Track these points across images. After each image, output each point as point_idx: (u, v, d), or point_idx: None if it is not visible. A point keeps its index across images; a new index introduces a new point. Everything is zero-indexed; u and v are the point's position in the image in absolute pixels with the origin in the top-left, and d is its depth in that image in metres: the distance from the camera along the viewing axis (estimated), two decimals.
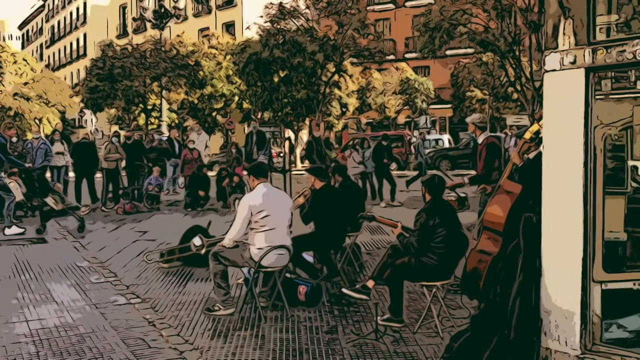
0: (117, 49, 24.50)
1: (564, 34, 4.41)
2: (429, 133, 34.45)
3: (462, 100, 34.25)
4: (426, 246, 5.50)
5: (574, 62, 4.32)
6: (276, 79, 15.89)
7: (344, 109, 32.20)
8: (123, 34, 54.39)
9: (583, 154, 4.21)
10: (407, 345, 5.31)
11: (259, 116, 22.79)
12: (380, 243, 9.75)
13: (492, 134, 7.64)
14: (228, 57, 27.93)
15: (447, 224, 5.53)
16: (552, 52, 4.42)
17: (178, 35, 34.85)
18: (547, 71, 4.46)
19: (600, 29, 4.27)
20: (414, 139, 31.95)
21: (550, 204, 4.50)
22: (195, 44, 33.38)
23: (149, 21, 23.74)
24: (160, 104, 25.16)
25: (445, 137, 32.72)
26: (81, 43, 62.41)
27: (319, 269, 7.26)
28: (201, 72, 26.06)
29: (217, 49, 32.71)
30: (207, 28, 45.91)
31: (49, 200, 11.41)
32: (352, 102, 33.03)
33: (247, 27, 22.93)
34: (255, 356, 5.07)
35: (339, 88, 28.44)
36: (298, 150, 30.46)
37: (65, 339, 5.41)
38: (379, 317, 5.88)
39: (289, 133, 30.69)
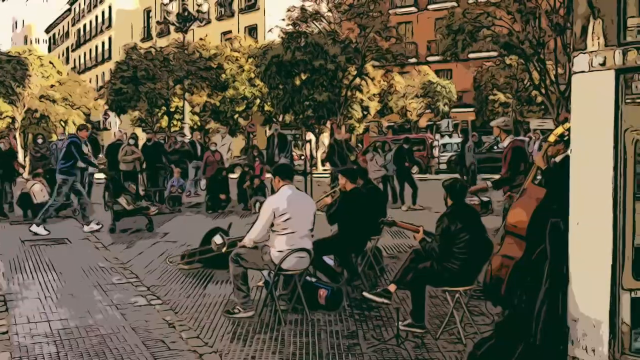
0: (141, 52, 24.72)
1: (593, 34, 4.30)
2: (450, 137, 34.27)
3: (484, 104, 33.92)
4: (448, 251, 5.41)
5: (603, 64, 4.21)
6: (298, 82, 15.86)
7: (365, 112, 32.12)
8: (147, 37, 54.95)
9: (613, 157, 4.09)
10: (429, 351, 5.22)
11: (280, 119, 22.82)
12: (401, 247, 9.65)
13: (517, 137, 7.52)
14: (250, 60, 28.04)
15: (470, 229, 5.43)
16: (580, 53, 4.32)
17: (201, 39, 35.12)
18: (575, 73, 4.35)
19: (631, 30, 4.16)
20: (437, 142, 31.79)
21: (578, 208, 4.38)
22: (217, 47, 33.59)
23: (173, 24, 23.92)
24: (183, 106, 25.33)
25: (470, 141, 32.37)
26: (106, 46, 63.17)
27: (340, 272, 7.20)
28: (223, 75, 26.17)
29: (239, 52, 32.87)
30: (230, 31, 46.10)
31: (122, 200, 11.62)
32: (374, 105, 32.93)
33: (270, 30, 22.98)
34: (275, 359, 5.02)
35: (361, 91, 28.39)
36: (319, 153, 30.45)
37: (86, 340, 5.42)
38: (400, 322, 5.81)
39: (310, 136, 30.74)
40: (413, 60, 34.80)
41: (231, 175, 15.29)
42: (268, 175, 16.19)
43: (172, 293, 7.07)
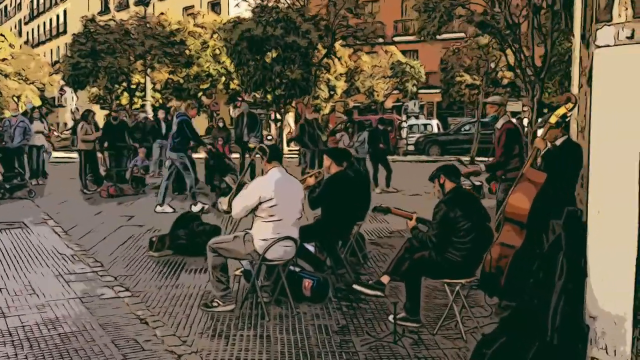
0: (101, 25, 23.55)
1: (620, 5, 3.91)
2: (417, 118, 34.02)
3: (451, 85, 33.72)
4: (447, 241, 5.00)
5: (631, 37, 3.82)
6: (268, 59, 15.24)
7: (331, 92, 31.55)
8: (105, 10, 52.97)
9: None
10: (427, 348, 4.83)
11: (248, 97, 22.02)
12: (381, 232, 9.27)
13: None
14: (215, 35, 27.11)
15: (471, 216, 5.03)
16: (605, 25, 3.92)
17: (162, 13, 33.85)
18: (598, 47, 3.96)
19: None
20: (402, 122, 31.52)
21: (598, 195, 3.99)
22: (180, 22, 32.43)
23: None
24: (145, 82, 24.37)
25: (434, 122, 32.28)
26: (61, 19, 60.76)
27: (324, 260, 6.76)
28: (187, 51, 25.22)
29: (202, 28, 31.81)
30: (192, 6, 44.78)
31: (228, 179, 11.74)
32: (340, 85, 32.38)
33: (237, 5, 22.18)
34: None
35: (328, 70, 27.78)
36: (284, 134, 29.81)
37: (48, 339, 4.86)
38: (392, 316, 5.41)
39: (278, 115, 30.02)
40: (380, 40, 34.23)
41: (197, 155, 14.63)
42: (235, 155, 15.63)
43: (142, 284, 6.52)
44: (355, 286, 5.59)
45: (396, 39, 40.43)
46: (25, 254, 7.67)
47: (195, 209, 10.40)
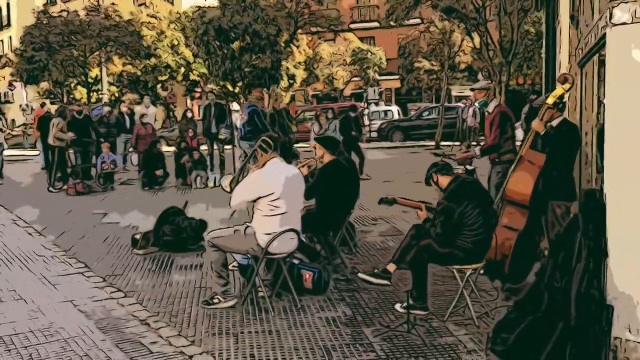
0: (54, 16, 22.63)
1: None
2: (377, 104, 34.10)
3: (410, 71, 33.94)
4: (457, 230, 4.92)
5: None
6: (236, 47, 14.94)
7: (291, 81, 31.33)
8: (52, 2, 51.18)
9: None
10: (441, 336, 4.77)
11: (207, 87, 21.58)
12: (365, 220, 9.18)
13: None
14: (172, 26, 26.50)
15: (477, 203, 4.96)
16: (621, 2, 3.88)
17: (113, 3, 32.89)
18: (614, 25, 3.92)
19: None
20: (365, 109, 31.47)
21: (616, 176, 3.97)
22: (132, 13, 31.56)
23: None
24: (100, 75, 23.66)
25: (395, 109, 32.38)
26: (4, 12, 58.39)
27: (319, 251, 6.63)
28: (144, 42, 24.53)
29: (157, 18, 31.04)
30: None
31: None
32: (300, 74, 32.18)
33: None
34: (277, 357, 4.41)
35: (286, 59, 27.52)
36: (238, 124, 29.41)
37: (47, 346, 4.60)
38: (398, 305, 5.34)
39: (236, 106, 29.60)
40: (341, 27, 34.07)
41: (166, 149, 14.30)
42: (203, 147, 15.31)
43: (133, 283, 6.27)
44: (360, 275, 5.48)
45: (352, 25, 40.36)
46: (1, 257, 7.29)
47: None
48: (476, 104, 24.80)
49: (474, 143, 18.52)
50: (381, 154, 21.10)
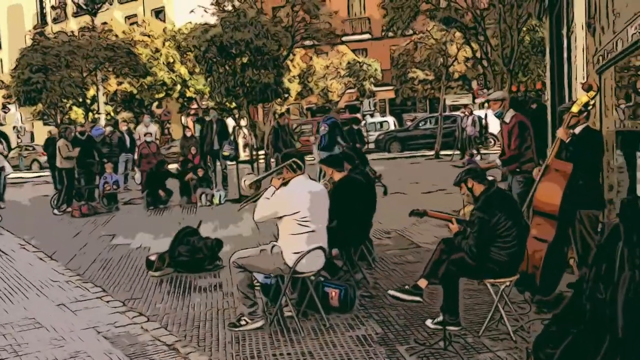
0: (51, 37, 22.53)
1: None
2: (372, 116, 34.14)
3: (404, 82, 33.98)
4: (488, 245, 4.84)
5: None
6: (239, 63, 14.92)
7: (286, 95, 31.29)
8: (42, 23, 51.10)
9: None
10: (479, 352, 4.67)
11: (203, 103, 21.59)
12: (379, 233, 9.08)
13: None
14: (167, 43, 26.44)
15: (510, 215, 4.89)
16: None
17: (105, 23, 32.82)
18: None
19: None
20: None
21: None
22: (125, 32, 31.50)
23: (80, 7, 22.02)
24: (97, 95, 23.55)
25: (391, 120, 32.46)
26: None
27: (340, 267, 6.53)
28: (141, 60, 24.46)
29: (150, 37, 30.98)
30: (134, 15, 43.68)
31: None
32: (294, 87, 32.16)
33: (191, 11, 21.65)
34: None
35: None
36: (240, 140, 29.36)
37: None
38: (429, 321, 5.25)
39: (244, 122, 29.51)
40: (338, 40, 34.14)
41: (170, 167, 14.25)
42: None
43: (154, 306, 6.14)
44: (391, 292, 5.37)
45: (344, 38, 40.48)
46: (15, 283, 7.16)
47: None
48: (489, 112, 24.95)
49: (474, 152, 18.55)
50: (382, 166, 21.03)
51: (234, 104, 23.87)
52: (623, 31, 4.59)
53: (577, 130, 5.72)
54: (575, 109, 5.55)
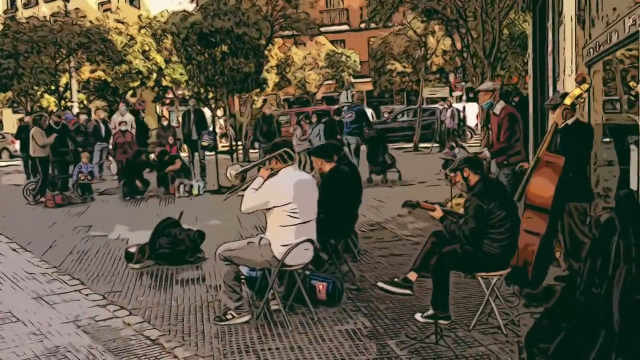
0: (22, 22, 21.88)
1: None
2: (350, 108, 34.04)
3: (382, 74, 33.94)
4: (484, 233, 4.78)
5: None
6: (219, 52, 14.64)
7: (263, 85, 31.04)
8: (11, 8, 49.85)
9: None
10: (470, 346, 4.61)
11: (179, 93, 21.22)
12: (363, 226, 9.00)
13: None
14: (143, 31, 25.95)
15: (504, 205, 4.83)
16: None
17: (77, 9, 32.10)
18: None
19: None
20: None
21: None
22: (98, 19, 30.86)
23: None
24: (70, 82, 23.03)
25: (368, 111, 32.33)
26: None
27: (326, 259, 6.43)
28: (116, 47, 23.95)
29: (124, 24, 30.40)
30: (108, 1, 42.86)
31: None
32: (272, 78, 31.91)
33: None
34: None
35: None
36: (217, 130, 29.04)
37: None
38: (418, 315, 5.18)
39: (220, 112, 29.16)
40: (316, 30, 33.95)
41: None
42: (183, 154, 14.97)
43: (136, 300, 5.97)
44: (380, 285, 5.29)
45: (323, 29, 40.26)
46: None
47: None
48: (467, 105, 24.95)
49: (454, 144, 18.56)
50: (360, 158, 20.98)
51: (210, 94, 23.59)
52: (619, 22, 4.54)
53: (570, 121, 5.68)
54: (567, 101, 5.52)
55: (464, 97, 28.78)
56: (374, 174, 13.29)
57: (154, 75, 27.51)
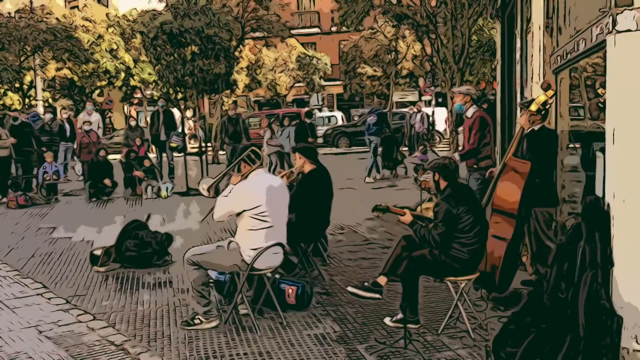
0: None
1: None
2: (320, 110, 34.09)
3: (352, 77, 34.08)
4: (451, 239, 4.79)
5: None
6: (189, 52, 14.45)
7: (233, 87, 30.87)
8: None
9: None
10: (438, 351, 4.62)
11: (147, 93, 20.92)
12: (333, 229, 8.96)
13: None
14: (111, 29, 25.54)
15: (473, 210, 4.86)
16: (626, 9, 3.85)
17: (43, 5, 31.49)
18: (619, 32, 3.89)
19: None
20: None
21: (622, 183, 3.93)
22: (65, 16, 30.30)
23: None
24: (35, 80, 22.54)
25: (339, 115, 32.45)
26: None
27: (296, 263, 6.39)
28: (83, 45, 23.51)
29: (91, 22, 29.91)
30: None
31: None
32: (242, 79, 31.77)
33: None
34: None
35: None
36: (186, 131, 28.76)
37: None
38: (387, 319, 5.17)
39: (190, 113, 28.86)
40: (287, 32, 33.89)
41: (110, 157, 13.68)
42: (151, 155, 14.77)
43: (100, 304, 5.84)
44: (350, 289, 5.26)
45: (293, 31, 40.23)
46: None
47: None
48: (436, 109, 25.16)
49: (421, 147, 18.72)
50: (330, 160, 20.99)
51: (180, 95, 23.36)
52: (586, 31, 4.60)
53: (536, 127, 5.75)
54: (533, 107, 5.58)
55: (433, 102, 29.04)
56: (386, 169, 15.09)
57: (122, 75, 27.11)
